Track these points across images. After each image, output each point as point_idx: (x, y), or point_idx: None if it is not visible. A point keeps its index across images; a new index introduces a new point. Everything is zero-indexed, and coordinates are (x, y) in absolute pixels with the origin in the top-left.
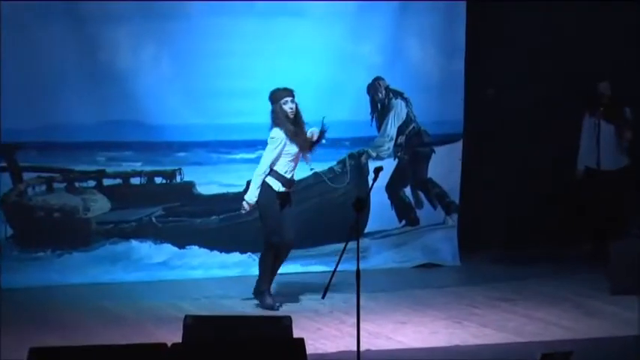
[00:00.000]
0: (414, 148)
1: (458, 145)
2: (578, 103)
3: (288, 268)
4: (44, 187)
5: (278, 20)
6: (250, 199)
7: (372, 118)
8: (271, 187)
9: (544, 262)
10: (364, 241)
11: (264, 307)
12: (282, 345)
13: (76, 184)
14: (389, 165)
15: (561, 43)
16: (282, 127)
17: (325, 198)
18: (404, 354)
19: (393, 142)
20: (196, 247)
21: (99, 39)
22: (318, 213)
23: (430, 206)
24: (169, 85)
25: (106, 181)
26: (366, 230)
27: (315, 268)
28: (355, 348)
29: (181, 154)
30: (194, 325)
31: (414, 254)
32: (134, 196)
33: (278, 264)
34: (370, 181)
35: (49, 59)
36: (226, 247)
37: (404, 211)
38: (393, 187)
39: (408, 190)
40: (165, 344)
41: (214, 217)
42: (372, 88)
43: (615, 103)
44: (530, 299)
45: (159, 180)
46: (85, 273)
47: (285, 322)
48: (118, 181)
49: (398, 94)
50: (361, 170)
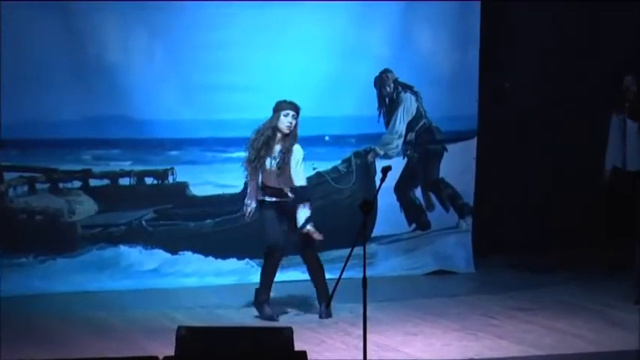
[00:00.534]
0: (424, 145)
1: (472, 143)
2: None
3: (289, 275)
4: (26, 188)
5: (277, 9)
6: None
7: (380, 113)
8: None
9: (565, 268)
10: (371, 247)
11: (263, 317)
12: (283, 358)
13: (61, 184)
14: (398, 164)
15: (585, 33)
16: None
17: (329, 200)
18: None
19: (402, 140)
20: (190, 252)
21: (86, 29)
22: (321, 216)
23: (442, 209)
24: (161, 79)
25: (93, 182)
26: (374, 235)
27: None
28: None
29: (174, 152)
30: (188, 337)
31: (424, 260)
32: (123, 198)
33: (270, 271)
34: (378, 182)
35: (32, 51)
36: (222, 253)
37: (414, 214)
38: (402, 188)
39: (418, 192)
40: (157, 357)
41: (209, 221)
42: (380, 81)
43: None
44: (550, 309)
45: (149, 180)
46: (70, 281)
47: (286, 334)
48: (105, 182)
49: (407, 87)
50: (368, 170)
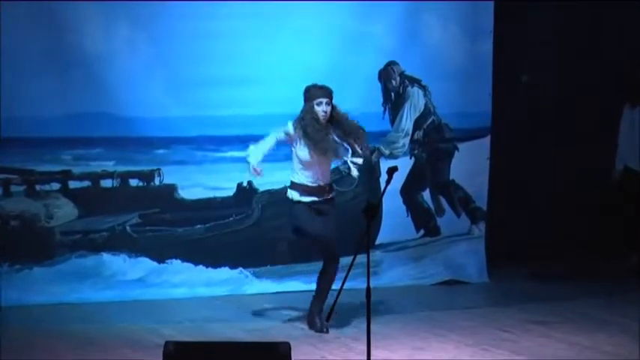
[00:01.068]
0: (433, 144)
1: (485, 142)
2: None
3: (287, 285)
4: (0, 191)
5: None
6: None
7: (385, 109)
8: (291, 199)
9: (585, 278)
10: (376, 254)
11: (316, 330)
12: None
13: (38, 187)
14: (404, 165)
15: (601, 25)
16: (298, 125)
17: None
18: None
19: (408, 138)
20: (178, 261)
21: (64, 17)
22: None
23: (453, 213)
24: (147, 71)
25: (73, 184)
26: (378, 241)
27: None
28: None
29: (161, 151)
30: (176, 353)
31: (434, 270)
32: (105, 202)
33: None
34: (382, 184)
35: (4, 41)
36: (214, 261)
37: (422, 219)
38: (409, 191)
39: (426, 195)
40: None
41: (199, 226)
42: (385, 74)
43: None
44: (570, 322)
45: (134, 182)
46: (48, 291)
47: (283, 350)
48: (86, 184)
49: (414, 81)
50: (372, 171)
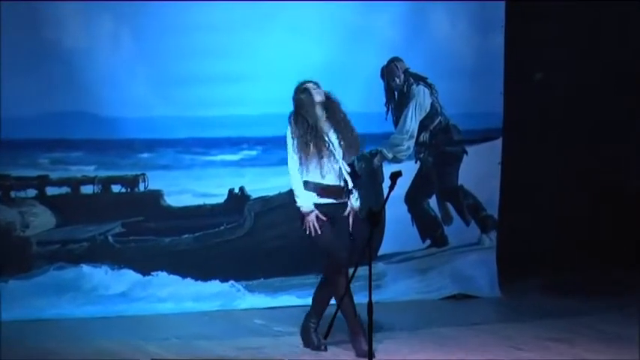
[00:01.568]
0: (440, 147)
1: (496, 144)
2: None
3: (282, 300)
4: None
5: None
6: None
7: (388, 109)
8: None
9: (606, 291)
10: (378, 266)
11: (311, 347)
12: None
13: (13, 193)
14: (409, 169)
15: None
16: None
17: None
18: None
19: (413, 141)
20: (165, 273)
21: (41, 10)
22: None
23: (461, 222)
24: (130, 68)
25: (50, 190)
26: (381, 252)
27: None
28: None
29: (145, 155)
30: None
31: (441, 283)
32: (85, 209)
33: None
34: (386, 190)
35: None
36: (203, 274)
37: (428, 228)
38: (414, 198)
39: (433, 202)
40: None
41: (187, 236)
42: (388, 71)
43: None
44: (590, 339)
45: (117, 188)
46: (24, 306)
47: None
48: (64, 190)
49: (420, 79)
50: (374, 176)
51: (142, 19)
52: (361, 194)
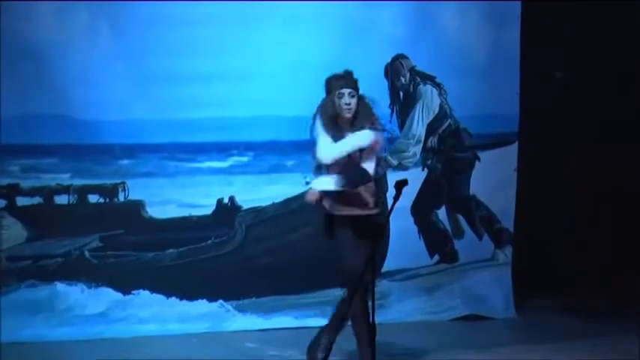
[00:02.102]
0: (450, 153)
1: (512, 150)
2: None
3: (276, 321)
4: None
5: None
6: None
7: (392, 111)
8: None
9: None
10: (382, 284)
11: None
12: None
13: None
14: (416, 177)
15: None
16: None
17: None
18: None
19: (420, 146)
20: (147, 292)
21: (11, 5)
22: (316, 245)
23: (473, 235)
24: (108, 66)
25: (21, 200)
26: (385, 269)
27: (314, 321)
28: None
29: (125, 161)
30: None
31: (451, 303)
32: (60, 222)
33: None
34: (390, 200)
35: None
36: (189, 293)
37: (437, 243)
38: (421, 209)
39: (442, 213)
40: None
41: (172, 251)
42: (392, 69)
43: None
44: None
45: (94, 198)
46: None
47: None
48: (37, 200)
49: (427, 78)
50: (377, 184)
51: (121, 12)
52: None
